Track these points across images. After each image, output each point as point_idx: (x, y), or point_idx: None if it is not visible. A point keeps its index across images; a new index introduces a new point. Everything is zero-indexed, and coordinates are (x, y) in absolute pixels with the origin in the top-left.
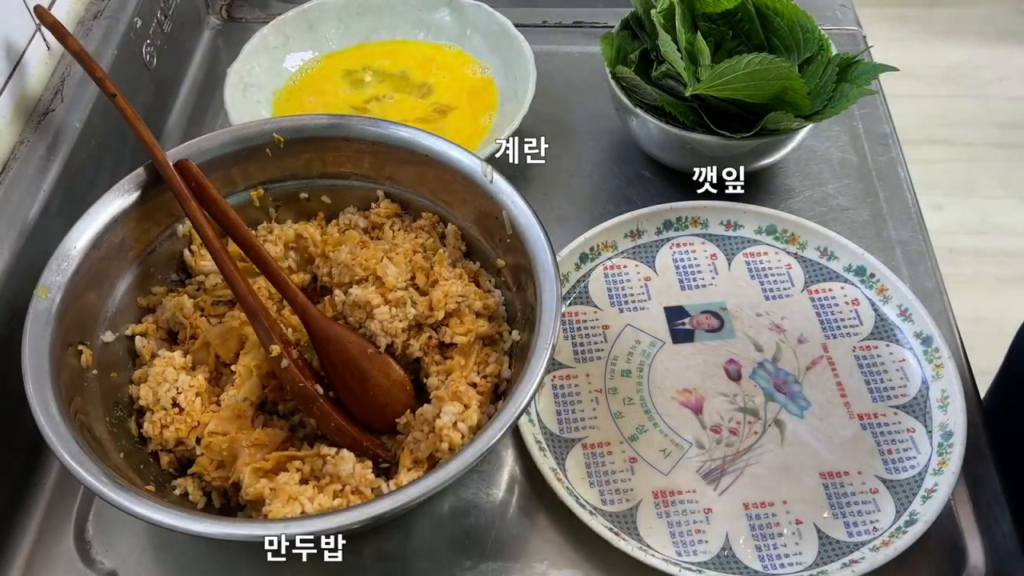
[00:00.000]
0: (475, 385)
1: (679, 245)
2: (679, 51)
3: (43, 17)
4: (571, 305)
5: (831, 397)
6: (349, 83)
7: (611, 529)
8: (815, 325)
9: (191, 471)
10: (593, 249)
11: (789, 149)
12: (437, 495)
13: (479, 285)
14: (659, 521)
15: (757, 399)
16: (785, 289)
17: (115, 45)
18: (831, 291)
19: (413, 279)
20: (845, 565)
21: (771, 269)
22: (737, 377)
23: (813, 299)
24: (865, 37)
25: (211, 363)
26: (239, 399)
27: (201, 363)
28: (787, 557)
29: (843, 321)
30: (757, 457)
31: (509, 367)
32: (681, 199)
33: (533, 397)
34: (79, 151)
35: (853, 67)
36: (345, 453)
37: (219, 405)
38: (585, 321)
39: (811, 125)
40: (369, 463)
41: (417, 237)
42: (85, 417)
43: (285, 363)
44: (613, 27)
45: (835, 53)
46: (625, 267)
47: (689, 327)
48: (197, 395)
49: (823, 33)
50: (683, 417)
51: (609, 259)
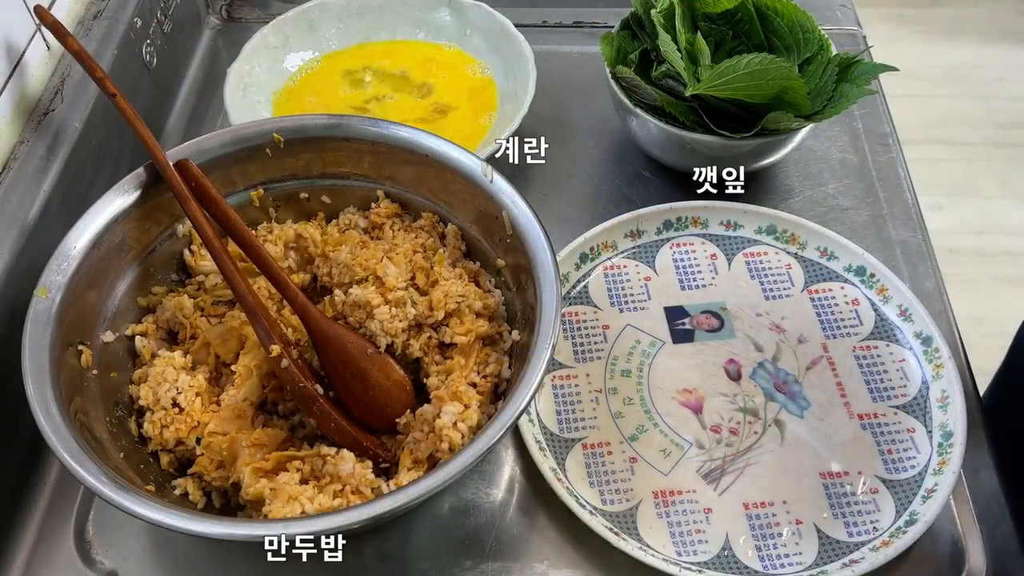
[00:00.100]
0: (475, 385)
1: (679, 245)
2: (679, 51)
3: (43, 17)
4: (571, 305)
5: (831, 397)
6: (349, 83)
7: (611, 529)
8: (815, 325)
9: (191, 471)
10: (593, 249)
11: (789, 149)
12: (437, 495)
13: (479, 285)
14: (659, 521)
15: (757, 399)
16: (785, 289)
17: (115, 45)
18: (831, 291)
19: (413, 279)
20: (845, 565)
21: (771, 269)
22: (737, 377)
23: (813, 299)
24: (865, 37)
25: (211, 363)
26: (239, 399)
27: (201, 363)
28: (787, 557)
29: (843, 321)
30: (757, 457)
31: (509, 367)
32: (681, 199)
33: (533, 397)
34: (79, 151)
35: (853, 67)
36: (345, 453)
37: (219, 405)
38: (585, 321)
39: (811, 125)
40: (369, 463)
41: (417, 237)
42: (85, 417)
43: (285, 363)
44: (613, 27)
45: (835, 53)
46: (625, 267)
47: (689, 327)
48: (197, 395)
49: (823, 33)
50: (683, 417)
51: (609, 259)
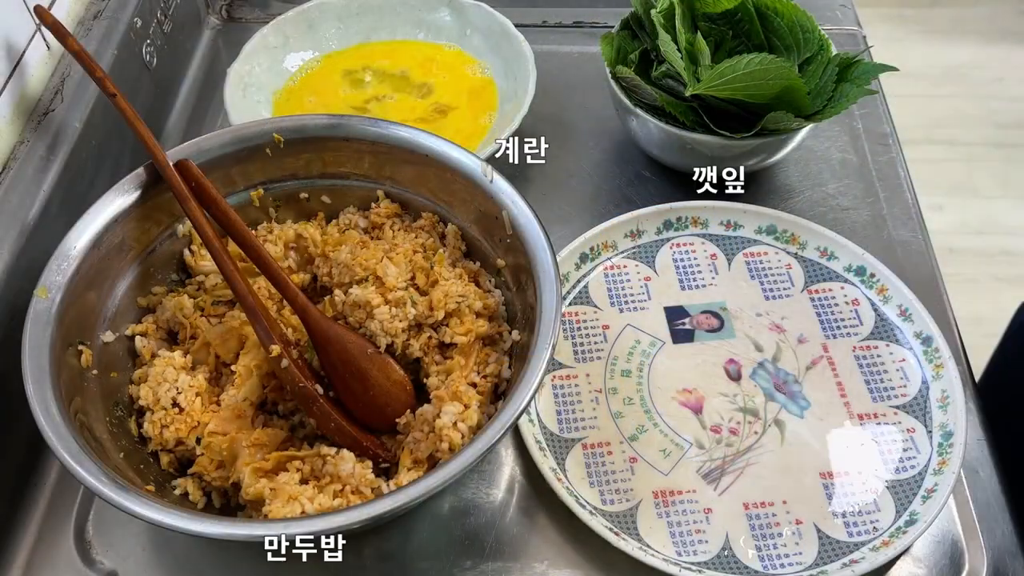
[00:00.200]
0: (475, 385)
1: (679, 245)
2: (679, 51)
3: (43, 17)
4: (571, 305)
5: (831, 397)
6: (349, 83)
7: (611, 529)
8: (815, 325)
9: (191, 471)
10: (593, 249)
11: (789, 149)
12: (437, 495)
13: (479, 285)
14: (659, 521)
15: (757, 399)
16: (785, 289)
17: (115, 45)
18: (831, 291)
19: (413, 279)
20: (845, 565)
21: (771, 269)
22: (737, 377)
23: (813, 299)
24: (865, 37)
25: (211, 363)
26: (239, 399)
27: (201, 363)
28: (787, 557)
29: (843, 321)
30: (757, 457)
31: (509, 367)
32: (681, 199)
33: (533, 397)
34: (79, 151)
35: (853, 67)
36: (345, 453)
37: (219, 405)
38: (585, 321)
39: (811, 125)
40: (369, 463)
41: (417, 237)
42: (85, 417)
43: (285, 363)
44: (613, 27)
45: (835, 53)
46: (625, 267)
47: (689, 327)
48: (197, 395)
49: (823, 33)
50: (683, 417)
51: (609, 259)
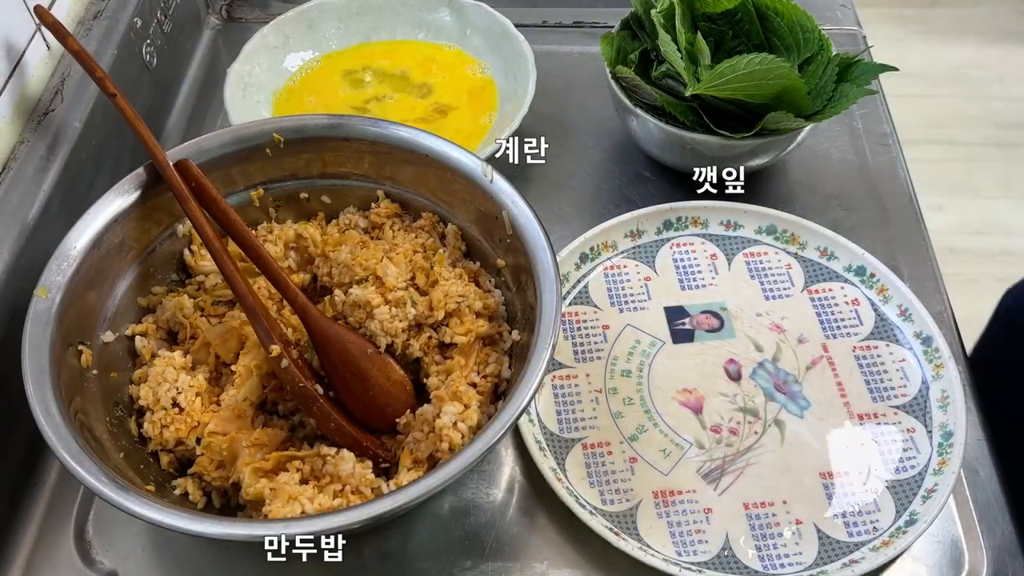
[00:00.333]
0: (475, 385)
1: (679, 245)
2: (679, 51)
3: (43, 17)
4: (571, 305)
5: (831, 397)
6: (349, 83)
7: (611, 529)
8: (815, 325)
9: (191, 471)
10: (593, 249)
11: (789, 149)
12: (437, 495)
13: (479, 285)
14: (659, 521)
15: (757, 399)
16: (785, 289)
17: (115, 45)
18: (831, 291)
19: (413, 279)
20: (845, 565)
21: (771, 269)
22: (737, 377)
23: (813, 299)
24: (865, 37)
25: (211, 363)
26: (239, 399)
27: (201, 363)
28: (787, 557)
29: (843, 321)
30: (757, 457)
31: (509, 367)
32: (681, 199)
33: (533, 397)
34: (79, 151)
35: (853, 67)
36: (345, 453)
37: (219, 405)
38: (585, 321)
39: (811, 125)
40: (369, 463)
41: (417, 237)
42: (85, 417)
43: (285, 363)
44: (613, 27)
45: (835, 53)
46: (625, 267)
47: (689, 327)
48: (197, 395)
49: (823, 33)
50: (683, 417)
51: (609, 259)
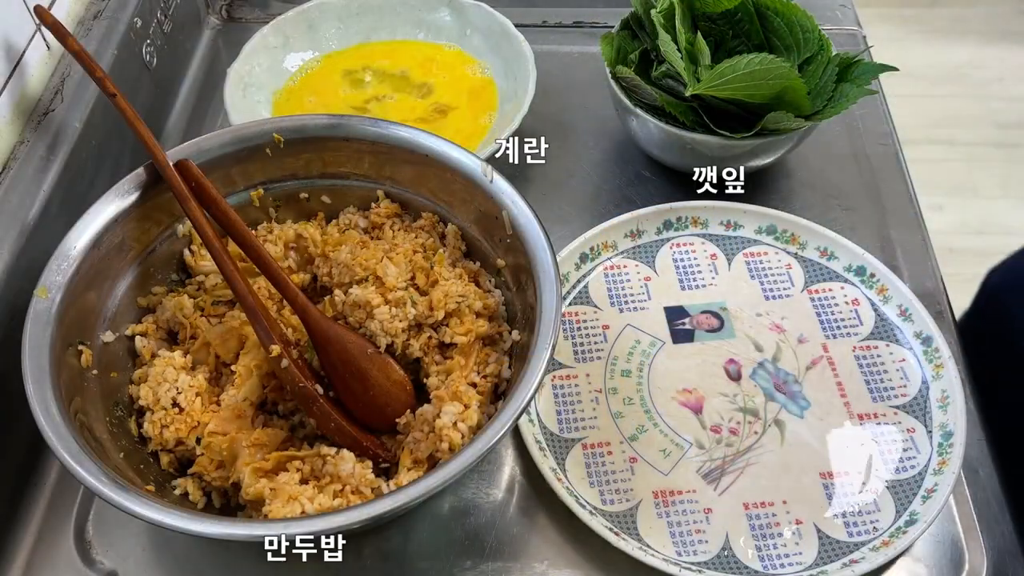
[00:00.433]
0: (475, 385)
1: (679, 245)
2: (679, 51)
3: (43, 17)
4: (571, 305)
5: (831, 397)
6: (349, 83)
7: (611, 529)
8: (815, 325)
9: (191, 471)
10: (593, 249)
11: (789, 149)
12: (437, 495)
13: (479, 285)
14: (659, 521)
15: (757, 399)
16: (785, 289)
17: (115, 45)
18: (831, 291)
19: (413, 279)
20: (845, 565)
21: (771, 269)
22: (737, 377)
23: (813, 299)
24: (865, 37)
25: (211, 363)
26: (239, 399)
27: (201, 363)
28: (787, 557)
29: (843, 321)
30: (757, 457)
31: (509, 367)
32: (681, 199)
33: (533, 397)
34: (79, 151)
35: (853, 67)
36: (345, 453)
37: (219, 405)
38: (585, 321)
39: (811, 125)
40: (369, 463)
41: (417, 237)
42: (85, 417)
43: (285, 363)
44: (613, 27)
45: (835, 53)
46: (625, 267)
47: (689, 327)
48: (197, 395)
49: (823, 33)
50: (683, 417)
51: (609, 259)
